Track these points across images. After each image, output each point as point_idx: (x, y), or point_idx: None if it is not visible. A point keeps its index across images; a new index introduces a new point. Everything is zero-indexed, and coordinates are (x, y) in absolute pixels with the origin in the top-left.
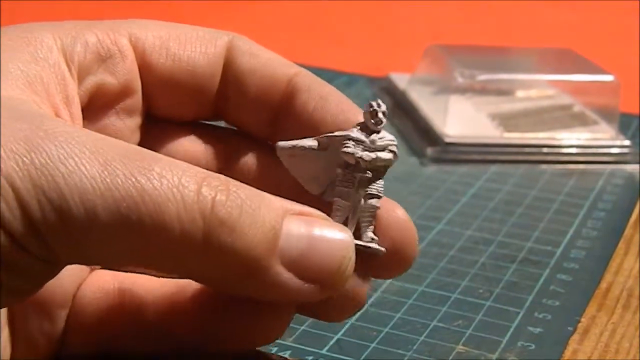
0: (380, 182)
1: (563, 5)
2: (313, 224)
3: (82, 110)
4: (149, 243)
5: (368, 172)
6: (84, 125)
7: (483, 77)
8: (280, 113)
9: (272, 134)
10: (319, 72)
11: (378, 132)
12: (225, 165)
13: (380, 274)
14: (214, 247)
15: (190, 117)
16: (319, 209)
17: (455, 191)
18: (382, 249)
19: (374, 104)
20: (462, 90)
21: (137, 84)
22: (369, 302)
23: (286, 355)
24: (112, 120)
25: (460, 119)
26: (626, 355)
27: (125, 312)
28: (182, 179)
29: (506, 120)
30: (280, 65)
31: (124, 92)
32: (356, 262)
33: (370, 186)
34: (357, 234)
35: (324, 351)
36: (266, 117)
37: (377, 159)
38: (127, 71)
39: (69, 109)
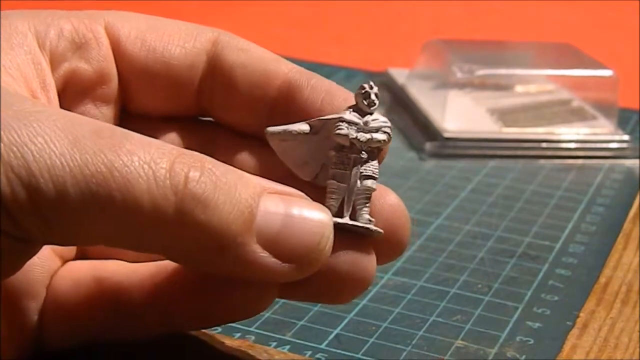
0: (375, 163)
1: (562, 0)
2: (291, 202)
3: (58, 96)
4: (120, 220)
5: (363, 153)
6: None
7: (482, 72)
8: (277, 108)
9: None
10: (318, 67)
11: (371, 114)
12: None
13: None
14: (188, 223)
15: (169, 111)
16: (309, 195)
17: (454, 186)
18: (380, 230)
19: (365, 85)
20: (461, 85)
21: (113, 72)
22: (368, 297)
23: (285, 350)
24: (88, 107)
25: (459, 114)
26: (625, 350)
27: (105, 299)
28: (154, 156)
29: (505, 115)
30: (271, 60)
31: (99, 79)
32: (358, 242)
33: (366, 167)
34: (354, 216)
35: (322, 346)
36: (261, 112)
37: (372, 139)
38: (102, 58)
39: (46, 94)
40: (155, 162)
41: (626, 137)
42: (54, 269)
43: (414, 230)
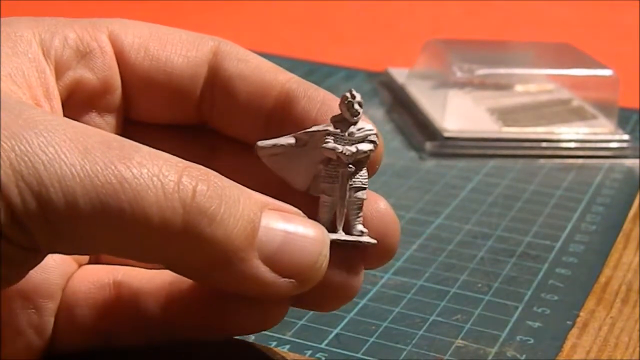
0: (364, 173)
1: (562, 0)
2: (289, 219)
3: (62, 105)
4: (128, 231)
5: (350, 166)
6: None
7: (482, 71)
8: (273, 119)
9: (264, 138)
10: (318, 67)
11: (355, 123)
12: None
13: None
14: (194, 236)
15: (170, 119)
16: (305, 206)
17: (454, 185)
18: (373, 241)
19: (348, 95)
20: (461, 85)
21: (117, 81)
22: (368, 296)
23: (285, 350)
24: (92, 116)
25: (459, 114)
26: (625, 350)
27: (123, 305)
28: (162, 168)
29: (505, 115)
30: (269, 70)
31: (103, 89)
32: (347, 255)
33: (354, 179)
34: (347, 228)
35: (322, 345)
36: (258, 123)
37: (358, 152)
38: (107, 67)
39: (49, 103)
40: (164, 175)
41: (626, 137)
42: (70, 272)
43: (414, 229)
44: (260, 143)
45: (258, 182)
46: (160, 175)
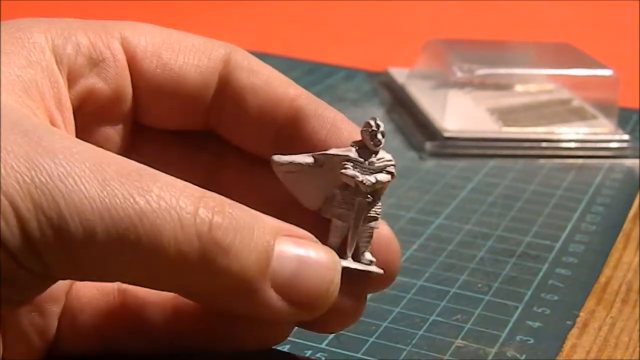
0: (379, 204)
1: (562, 0)
2: (302, 245)
3: (73, 114)
4: (145, 263)
5: (368, 196)
6: (76, 131)
7: (482, 71)
8: (283, 134)
9: (273, 152)
10: (319, 67)
11: (377, 152)
12: (211, 176)
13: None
14: (210, 268)
15: (179, 126)
16: (310, 221)
17: (454, 186)
18: (381, 271)
19: (372, 123)
20: (461, 85)
21: (128, 90)
22: (368, 296)
23: (285, 350)
24: (103, 125)
25: (459, 114)
26: (625, 350)
27: (127, 312)
28: (179, 200)
29: (505, 115)
30: (281, 84)
31: (115, 98)
32: (352, 282)
33: (370, 209)
34: (355, 255)
35: (322, 345)
36: (267, 136)
37: (377, 182)
38: (119, 76)
39: (62, 114)
40: (181, 207)
41: (626, 137)
42: None
43: (414, 229)
44: (277, 158)
45: (264, 193)
46: (178, 208)
